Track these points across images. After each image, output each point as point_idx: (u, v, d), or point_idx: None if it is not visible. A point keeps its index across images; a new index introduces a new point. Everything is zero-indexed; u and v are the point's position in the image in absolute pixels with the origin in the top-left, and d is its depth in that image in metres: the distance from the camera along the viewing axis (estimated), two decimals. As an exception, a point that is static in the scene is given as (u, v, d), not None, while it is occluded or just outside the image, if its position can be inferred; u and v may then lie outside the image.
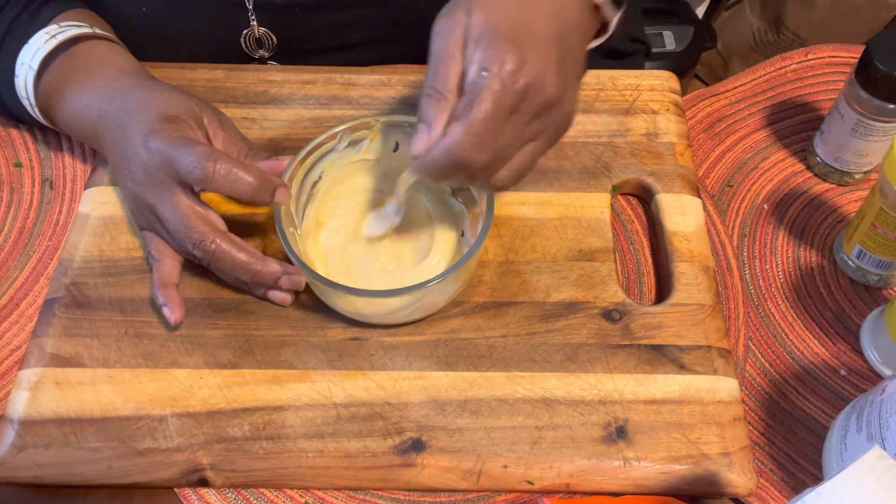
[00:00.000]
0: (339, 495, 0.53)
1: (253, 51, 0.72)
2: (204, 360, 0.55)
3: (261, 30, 0.70)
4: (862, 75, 0.61)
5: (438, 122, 0.47)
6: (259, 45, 0.71)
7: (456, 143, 0.46)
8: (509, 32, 0.46)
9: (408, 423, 0.53)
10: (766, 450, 0.55)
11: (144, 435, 0.52)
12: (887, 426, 0.47)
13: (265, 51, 0.72)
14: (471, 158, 0.46)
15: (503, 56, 0.45)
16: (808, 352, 0.60)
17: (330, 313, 0.57)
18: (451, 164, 0.47)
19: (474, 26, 0.47)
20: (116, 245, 0.60)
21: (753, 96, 0.74)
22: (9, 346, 0.58)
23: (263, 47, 0.72)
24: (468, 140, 0.46)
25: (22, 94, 0.61)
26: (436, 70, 0.47)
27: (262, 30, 0.70)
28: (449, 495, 0.53)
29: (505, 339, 0.57)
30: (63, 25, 0.61)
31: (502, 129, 0.47)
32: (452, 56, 0.47)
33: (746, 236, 0.65)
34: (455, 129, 0.46)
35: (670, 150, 0.66)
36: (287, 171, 0.56)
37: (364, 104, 0.68)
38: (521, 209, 0.63)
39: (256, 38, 0.71)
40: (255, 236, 0.61)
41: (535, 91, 0.47)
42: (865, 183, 0.68)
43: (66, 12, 0.63)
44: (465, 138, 0.46)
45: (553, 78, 0.47)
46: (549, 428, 0.53)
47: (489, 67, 0.45)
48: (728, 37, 1.32)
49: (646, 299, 0.61)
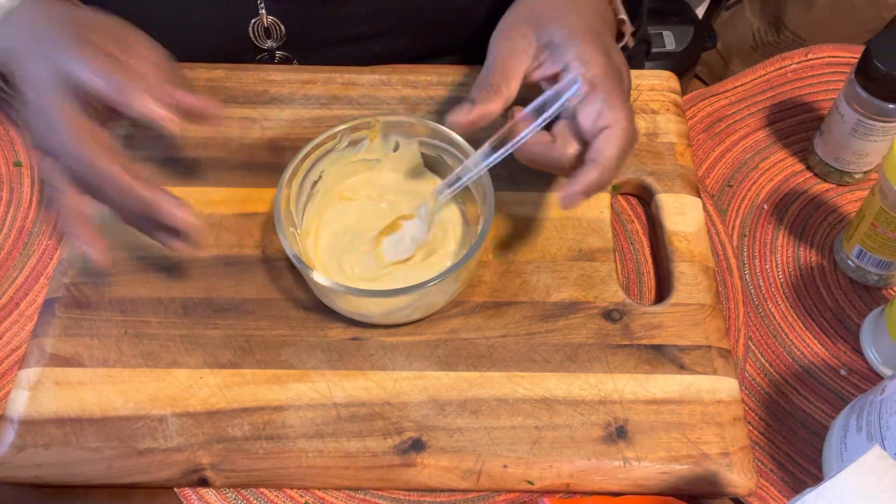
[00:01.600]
0: (339, 495, 0.53)
1: (261, 41, 0.71)
2: (204, 360, 0.55)
3: (269, 19, 0.70)
4: (862, 75, 0.61)
5: (482, 106, 0.52)
6: (267, 35, 0.71)
7: (593, 182, 0.50)
8: (588, 38, 0.54)
9: (408, 423, 0.53)
10: (766, 450, 0.55)
11: (144, 435, 0.52)
12: (887, 426, 0.47)
13: (273, 41, 0.71)
14: (601, 187, 0.52)
15: (600, 66, 0.52)
16: (808, 352, 0.60)
17: (330, 313, 0.57)
18: (584, 197, 0.51)
19: (553, 32, 0.54)
20: (116, 245, 0.60)
21: (753, 96, 0.74)
22: (9, 346, 0.58)
23: (272, 37, 0.71)
24: (604, 178, 0.51)
25: None
26: (496, 67, 0.54)
27: (271, 19, 0.70)
28: (449, 495, 0.53)
29: (505, 339, 0.57)
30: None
31: None
32: (518, 57, 0.54)
33: (746, 236, 0.65)
34: (591, 171, 0.50)
35: (670, 150, 0.66)
36: (287, 170, 0.56)
37: (364, 104, 0.68)
38: (521, 209, 0.63)
39: (265, 27, 0.70)
40: (254, 235, 0.61)
41: None
42: (865, 183, 0.68)
43: None
44: (601, 176, 0.50)
45: None
46: (549, 428, 0.53)
47: (592, 78, 0.52)
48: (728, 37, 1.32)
49: (646, 299, 0.61)
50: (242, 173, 0.64)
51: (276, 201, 0.55)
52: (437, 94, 0.69)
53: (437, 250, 0.59)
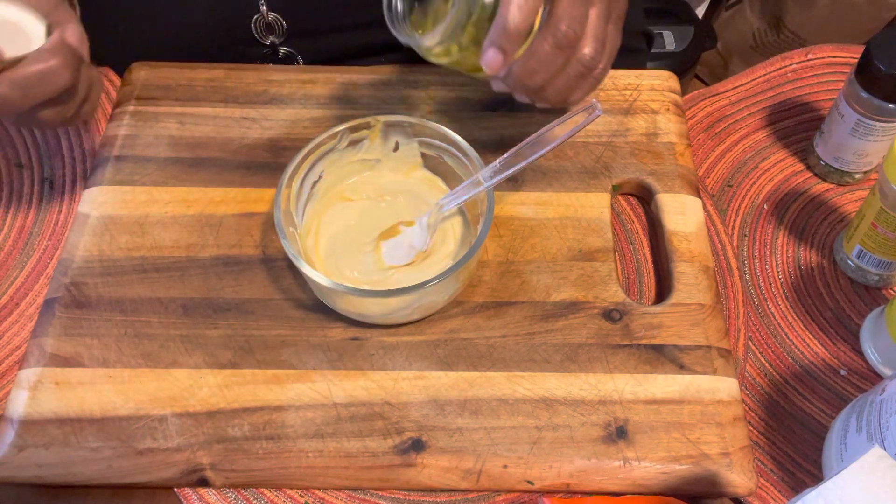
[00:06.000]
0: (339, 495, 0.53)
1: (263, 37, 0.71)
2: (204, 359, 0.55)
3: (271, 15, 0.70)
4: (862, 75, 0.61)
5: None
6: (270, 31, 0.71)
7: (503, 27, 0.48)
8: None
9: (408, 423, 0.53)
10: (766, 450, 0.55)
11: (144, 435, 0.52)
12: (887, 426, 0.47)
13: (276, 37, 0.71)
14: None
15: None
16: (808, 352, 0.60)
17: (330, 313, 0.57)
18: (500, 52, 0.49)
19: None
20: (116, 245, 0.60)
21: (753, 96, 0.74)
22: (9, 346, 0.58)
23: (274, 33, 0.71)
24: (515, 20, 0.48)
25: None
26: None
27: (273, 15, 0.70)
28: (449, 495, 0.53)
29: (505, 339, 0.57)
30: None
31: None
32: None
33: (746, 236, 0.65)
34: None
35: (670, 150, 0.66)
36: (287, 170, 0.56)
37: (364, 104, 0.68)
38: (521, 209, 0.63)
39: (267, 23, 0.70)
40: (254, 235, 0.61)
41: None
42: (865, 183, 0.68)
43: None
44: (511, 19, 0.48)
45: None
46: (549, 428, 0.53)
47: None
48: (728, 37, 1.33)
49: (646, 299, 0.61)
50: (242, 173, 0.64)
51: (276, 201, 0.55)
52: (437, 94, 0.69)
53: (436, 250, 0.59)
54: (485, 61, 0.50)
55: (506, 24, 0.48)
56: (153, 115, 0.67)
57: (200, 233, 0.61)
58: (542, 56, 0.50)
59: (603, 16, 0.52)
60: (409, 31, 0.53)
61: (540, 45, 0.50)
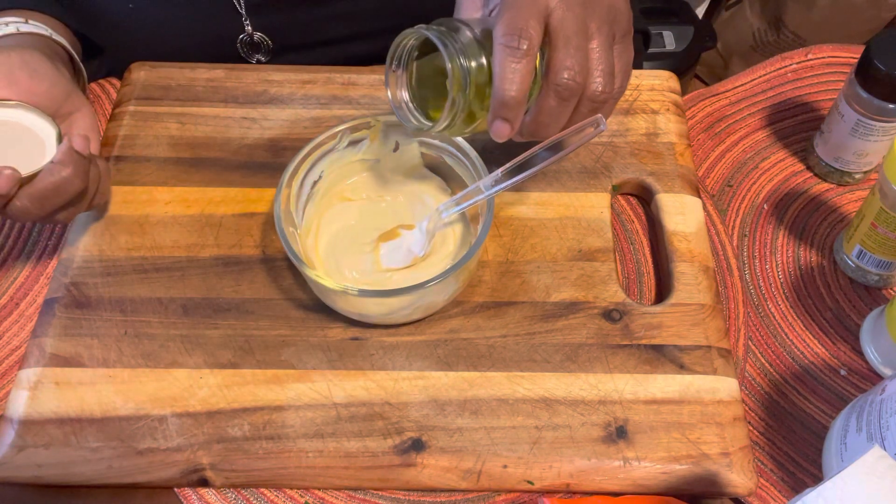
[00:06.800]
0: (339, 495, 0.53)
1: (249, 56, 0.72)
2: (204, 360, 0.55)
3: (257, 35, 0.70)
4: (862, 75, 0.61)
5: None
6: (255, 50, 0.72)
7: None
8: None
9: (408, 422, 0.53)
10: (766, 450, 0.55)
11: (144, 435, 0.52)
12: (887, 426, 0.47)
13: (262, 55, 0.72)
14: None
15: None
16: (808, 352, 0.60)
17: (330, 313, 0.57)
18: None
19: None
20: (116, 245, 0.60)
21: (753, 96, 0.74)
22: (9, 346, 0.58)
23: (260, 51, 0.72)
24: None
25: None
26: None
27: (259, 35, 0.70)
28: (449, 495, 0.53)
29: (505, 339, 0.57)
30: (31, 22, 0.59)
31: None
32: None
33: (746, 236, 0.65)
34: None
35: (670, 150, 0.66)
36: (287, 170, 0.56)
37: (364, 104, 0.68)
38: (521, 209, 0.63)
39: (253, 42, 0.71)
40: (254, 235, 0.61)
41: None
42: (865, 183, 0.68)
43: None
44: None
45: None
46: (549, 428, 0.53)
47: None
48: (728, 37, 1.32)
49: (646, 299, 0.61)
50: (242, 173, 0.64)
51: (276, 201, 0.55)
52: (437, 94, 0.69)
53: (436, 251, 0.59)
54: (494, 133, 0.50)
55: (502, 97, 0.48)
56: (153, 115, 0.67)
57: (200, 233, 0.61)
58: (549, 111, 0.50)
59: (605, 44, 0.50)
60: (419, 119, 0.54)
61: (545, 102, 0.50)
